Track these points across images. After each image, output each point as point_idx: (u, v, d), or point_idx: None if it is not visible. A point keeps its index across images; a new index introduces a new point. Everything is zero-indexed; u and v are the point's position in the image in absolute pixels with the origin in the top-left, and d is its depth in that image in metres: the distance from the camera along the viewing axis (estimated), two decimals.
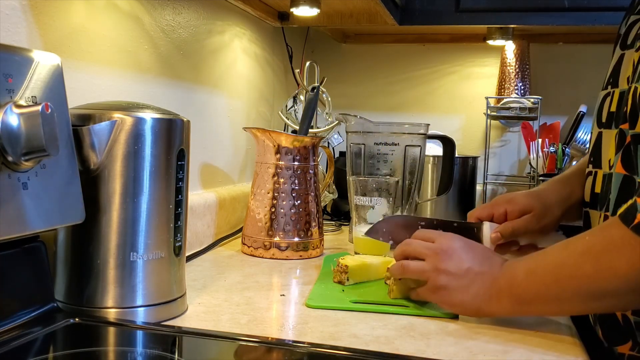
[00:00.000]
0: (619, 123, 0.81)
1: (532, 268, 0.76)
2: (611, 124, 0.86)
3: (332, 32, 1.88)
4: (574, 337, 0.78)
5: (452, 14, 1.54)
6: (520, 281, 0.76)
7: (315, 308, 0.85)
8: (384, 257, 1.03)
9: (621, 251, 0.68)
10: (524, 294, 0.75)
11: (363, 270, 0.99)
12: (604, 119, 0.88)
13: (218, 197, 1.29)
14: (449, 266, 0.80)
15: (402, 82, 1.97)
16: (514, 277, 0.76)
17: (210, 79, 1.32)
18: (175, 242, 0.77)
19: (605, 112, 0.88)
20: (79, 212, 0.70)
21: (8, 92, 0.61)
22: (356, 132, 1.35)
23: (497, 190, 1.88)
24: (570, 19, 1.49)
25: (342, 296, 0.91)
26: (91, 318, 0.72)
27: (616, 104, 0.85)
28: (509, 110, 1.73)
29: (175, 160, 0.76)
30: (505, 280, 0.77)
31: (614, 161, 0.82)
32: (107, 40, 0.97)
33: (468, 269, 0.79)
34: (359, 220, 1.21)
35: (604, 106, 0.89)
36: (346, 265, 0.97)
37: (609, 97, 0.88)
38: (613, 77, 0.88)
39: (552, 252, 0.76)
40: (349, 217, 1.28)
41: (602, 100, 0.91)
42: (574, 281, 0.72)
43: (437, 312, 0.84)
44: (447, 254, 0.81)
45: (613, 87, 0.87)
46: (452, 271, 0.79)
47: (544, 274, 0.74)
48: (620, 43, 0.89)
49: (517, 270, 0.77)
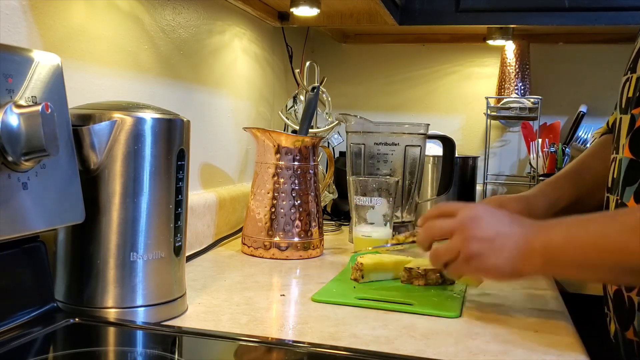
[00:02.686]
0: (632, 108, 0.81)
1: (573, 234, 0.74)
2: (628, 109, 0.86)
3: (332, 32, 1.88)
4: (574, 337, 0.78)
5: (452, 14, 1.54)
6: (558, 245, 0.74)
7: (319, 302, 0.87)
8: (401, 257, 1.04)
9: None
10: (560, 258, 0.74)
11: (378, 268, 0.99)
12: (624, 105, 0.88)
13: (218, 197, 1.29)
14: (477, 233, 0.77)
15: (402, 82, 1.97)
16: (550, 241, 0.74)
17: (211, 79, 1.32)
18: (175, 242, 0.77)
19: (625, 98, 0.88)
20: (79, 212, 0.70)
21: (8, 92, 0.61)
22: (356, 132, 1.35)
23: (497, 190, 1.88)
24: (570, 19, 1.49)
25: (351, 293, 0.92)
26: (91, 318, 0.72)
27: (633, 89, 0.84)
28: (509, 110, 1.73)
29: (175, 160, 0.76)
30: (540, 242, 0.75)
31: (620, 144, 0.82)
32: (107, 40, 0.97)
33: (497, 232, 0.77)
34: (359, 220, 1.21)
35: (623, 92, 0.89)
36: (361, 263, 0.98)
37: (628, 82, 0.88)
38: (633, 62, 0.87)
39: (596, 221, 0.74)
40: (349, 217, 1.28)
41: (622, 86, 0.90)
42: (617, 255, 0.70)
43: (441, 311, 0.84)
44: (474, 222, 0.78)
45: (632, 72, 0.87)
46: (482, 236, 0.77)
47: (585, 243, 0.72)
48: None
49: (554, 234, 0.75)
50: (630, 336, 0.84)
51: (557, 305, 0.93)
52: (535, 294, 0.99)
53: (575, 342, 0.76)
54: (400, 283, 0.98)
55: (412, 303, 0.87)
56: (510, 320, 0.84)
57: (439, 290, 0.95)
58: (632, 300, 0.82)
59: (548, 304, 0.94)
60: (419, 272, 0.96)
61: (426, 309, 0.85)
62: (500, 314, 0.87)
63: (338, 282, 0.99)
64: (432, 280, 0.96)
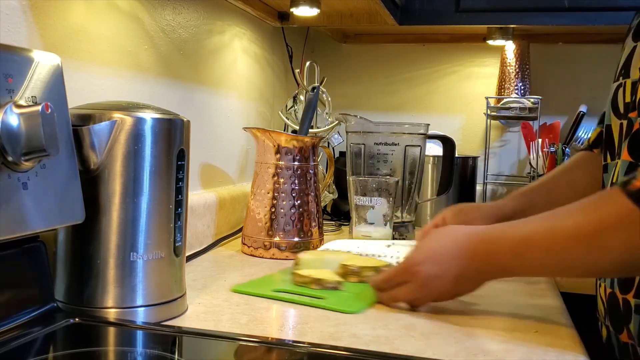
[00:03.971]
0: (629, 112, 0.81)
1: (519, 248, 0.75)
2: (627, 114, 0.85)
3: (332, 32, 1.88)
4: (573, 337, 0.78)
5: (452, 14, 1.54)
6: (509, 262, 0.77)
7: (237, 292, 0.90)
8: (344, 253, 1.05)
9: (616, 231, 0.67)
10: (516, 269, 0.78)
11: (316, 264, 1.00)
12: (622, 110, 0.88)
13: (218, 197, 1.29)
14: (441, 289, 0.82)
15: (402, 82, 1.97)
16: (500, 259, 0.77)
17: (211, 79, 1.32)
18: (175, 242, 0.77)
19: (622, 104, 0.88)
20: (79, 212, 0.70)
21: (8, 92, 0.61)
22: (356, 132, 1.35)
23: (497, 190, 1.88)
24: (570, 19, 1.49)
25: (271, 285, 0.93)
26: (91, 318, 0.72)
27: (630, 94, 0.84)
28: (509, 110, 1.73)
29: (175, 160, 0.76)
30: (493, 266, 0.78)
31: (622, 149, 0.81)
32: (107, 40, 0.97)
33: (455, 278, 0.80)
34: (359, 220, 1.21)
35: (618, 98, 0.89)
36: (299, 257, 1.00)
37: (621, 87, 0.88)
38: (625, 68, 0.87)
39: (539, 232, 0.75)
40: (349, 217, 1.28)
41: (614, 92, 0.90)
42: (564, 264, 0.73)
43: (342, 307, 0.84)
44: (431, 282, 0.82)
45: (625, 77, 0.87)
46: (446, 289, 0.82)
47: (533, 259, 0.75)
48: (632, 35, 0.88)
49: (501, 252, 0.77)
50: (624, 339, 0.84)
51: (557, 305, 0.93)
52: (535, 294, 0.99)
53: (575, 342, 0.76)
54: None
55: (323, 297, 0.88)
56: (510, 320, 0.84)
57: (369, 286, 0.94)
58: (629, 303, 0.82)
59: (548, 304, 0.94)
60: (353, 270, 0.97)
61: (328, 305, 0.85)
62: (500, 313, 0.87)
63: (276, 276, 1.00)
64: (365, 278, 0.96)
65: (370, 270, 0.96)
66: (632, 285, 0.82)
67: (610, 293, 0.87)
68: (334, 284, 0.92)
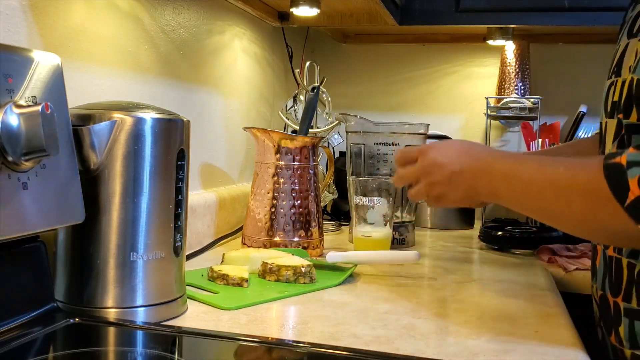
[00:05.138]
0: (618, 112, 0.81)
1: (509, 175, 0.81)
2: (614, 113, 0.86)
3: (332, 32, 1.88)
4: (574, 337, 0.78)
5: (452, 14, 1.54)
6: (498, 183, 0.83)
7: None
8: (276, 253, 1.06)
9: (580, 195, 0.71)
10: (500, 193, 0.83)
11: (239, 261, 1.02)
12: (609, 109, 0.88)
13: (218, 197, 1.29)
14: (436, 178, 0.89)
15: (402, 82, 1.97)
16: (492, 178, 0.83)
17: (210, 79, 1.32)
18: (175, 242, 0.77)
19: (610, 102, 0.88)
20: (79, 212, 0.70)
21: (8, 92, 0.61)
22: (356, 132, 1.35)
23: None
24: (570, 19, 1.49)
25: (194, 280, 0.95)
26: (91, 318, 0.72)
27: (619, 94, 0.84)
28: (509, 110, 1.73)
29: (175, 160, 0.76)
30: (484, 180, 0.84)
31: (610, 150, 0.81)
32: (107, 40, 0.97)
33: (452, 173, 0.87)
34: (359, 220, 1.21)
35: (609, 96, 0.89)
36: (224, 254, 1.03)
37: (612, 86, 0.87)
38: (617, 66, 0.87)
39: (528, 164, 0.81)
40: (349, 217, 1.28)
41: (607, 89, 0.90)
42: (536, 206, 0.78)
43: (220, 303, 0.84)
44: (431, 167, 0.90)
45: (616, 76, 0.87)
46: (440, 180, 0.88)
47: (517, 183, 0.80)
48: (627, 31, 0.87)
49: (495, 171, 0.83)
50: (613, 342, 0.84)
51: (557, 305, 0.93)
52: (535, 294, 0.99)
53: (575, 342, 0.76)
54: (257, 277, 0.99)
55: (217, 292, 0.90)
56: (510, 320, 0.84)
57: (283, 286, 0.95)
58: (618, 306, 0.82)
59: (548, 304, 0.94)
60: (272, 268, 0.98)
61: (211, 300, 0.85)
62: (501, 313, 0.87)
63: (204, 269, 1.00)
64: (283, 277, 0.97)
65: (288, 270, 0.97)
66: (620, 288, 0.82)
67: (602, 295, 0.87)
68: (238, 281, 0.93)
